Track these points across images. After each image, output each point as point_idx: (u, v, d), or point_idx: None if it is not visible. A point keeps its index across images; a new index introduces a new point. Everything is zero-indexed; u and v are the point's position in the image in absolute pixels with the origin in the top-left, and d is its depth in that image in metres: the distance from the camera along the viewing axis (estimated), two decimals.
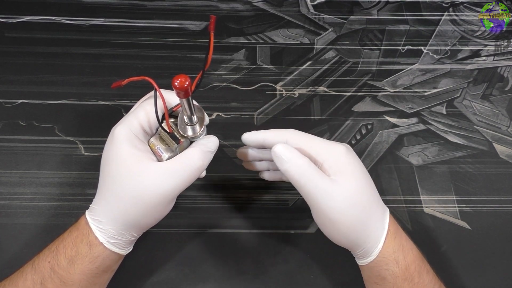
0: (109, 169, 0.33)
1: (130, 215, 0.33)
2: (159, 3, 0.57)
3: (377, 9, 0.59)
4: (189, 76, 0.28)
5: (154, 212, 0.33)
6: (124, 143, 0.33)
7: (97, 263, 0.33)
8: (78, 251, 0.33)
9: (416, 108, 0.52)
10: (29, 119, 0.49)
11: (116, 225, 0.33)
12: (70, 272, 0.33)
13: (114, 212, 0.33)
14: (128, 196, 0.32)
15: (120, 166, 0.32)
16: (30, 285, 0.33)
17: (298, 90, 0.53)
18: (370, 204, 0.34)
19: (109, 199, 0.33)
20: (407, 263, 0.34)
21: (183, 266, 0.42)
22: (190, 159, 0.33)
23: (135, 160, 0.32)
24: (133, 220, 0.33)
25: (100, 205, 0.34)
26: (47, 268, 0.33)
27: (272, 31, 0.56)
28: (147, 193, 0.32)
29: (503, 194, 0.47)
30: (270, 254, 0.43)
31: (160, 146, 0.34)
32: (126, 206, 0.32)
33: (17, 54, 0.52)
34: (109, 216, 0.33)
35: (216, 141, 0.35)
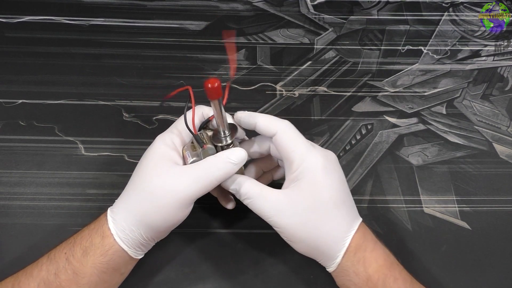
0: (138, 167, 0.35)
1: (142, 209, 0.34)
2: (159, 3, 0.57)
3: (377, 9, 0.59)
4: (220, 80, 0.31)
5: (166, 213, 0.34)
6: (159, 146, 0.35)
7: (107, 256, 0.34)
8: (92, 242, 0.34)
9: (416, 108, 0.52)
10: (29, 119, 0.49)
11: (128, 218, 0.34)
12: (83, 264, 0.33)
13: (129, 205, 0.34)
14: (144, 189, 0.34)
15: (148, 165, 0.34)
16: (45, 275, 0.33)
17: (298, 90, 0.53)
18: (324, 221, 0.34)
19: (129, 192, 0.35)
20: (369, 274, 0.34)
21: (183, 266, 0.42)
22: (210, 167, 0.34)
23: (162, 161, 0.34)
24: (145, 216, 0.34)
25: (121, 199, 0.35)
26: (62, 258, 0.34)
27: (272, 31, 0.56)
28: (161, 190, 0.33)
29: (503, 194, 0.47)
30: (270, 254, 0.43)
31: (189, 151, 0.36)
32: (141, 200, 0.34)
33: (17, 54, 0.52)
34: (124, 208, 0.34)
35: (240, 154, 0.35)
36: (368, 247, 0.35)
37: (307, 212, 0.34)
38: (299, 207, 0.34)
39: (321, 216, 0.34)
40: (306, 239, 0.35)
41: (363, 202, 0.46)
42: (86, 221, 0.44)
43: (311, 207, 0.34)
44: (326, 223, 0.34)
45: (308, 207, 0.34)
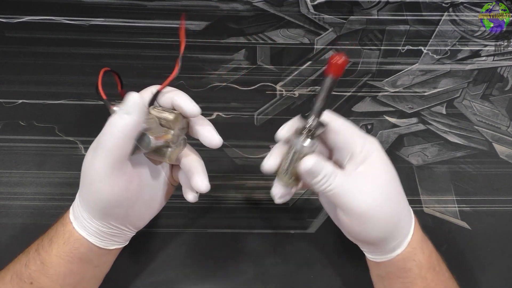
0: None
1: (81, 192, 0.33)
2: (159, 3, 0.57)
3: (377, 9, 0.59)
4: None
5: (96, 189, 0.31)
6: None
7: (69, 244, 0.33)
8: (56, 231, 0.34)
9: (416, 108, 0.52)
10: (29, 119, 0.49)
11: (80, 202, 0.33)
12: (49, 253, 0.33)
13: (80, 192, 0.33)
14: (83, 167, 0.32)
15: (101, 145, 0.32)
16: (18, 267, 0.34)
17: (298, 90, 0.53)
18: (400, 194, 0.34)
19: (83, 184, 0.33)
20: (430, 251, 0.35)
21: (183, 266, 0.42)
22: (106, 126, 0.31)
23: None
24: (82, 197, 0.32)
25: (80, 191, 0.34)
26: (33, 249, 0.34)
27: (272, 31, 0.56)
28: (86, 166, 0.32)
29: (503, 194, 0.47)
30: (270, 254, 0.43)
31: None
32: (82, 179, 0.32)
33: (17, 54, 0.52)
34: (78, 196, 0.34)
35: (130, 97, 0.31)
36: (424, 237, 0.36)
37: (385, 187, 0.33)
38: (377, 182, 0.32)
39: (396, 190, 0.34)
40: (387, 214, 0.33)
41: None
42: None
43: (387, 181, 0.33)
44: (402, 196, 0.34)
45: (385, 181, 0.33)
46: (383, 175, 0.33)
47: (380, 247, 0.34)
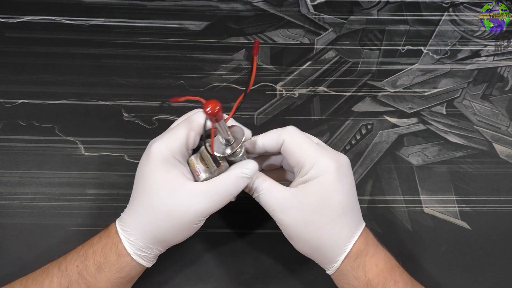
0: (143, 184, 0.34)
1: (160, 230, 0.33)
2: (159, 3, 0.57)
3: (377, 9, 0.59)
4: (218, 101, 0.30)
5: (183, 230, 0.34)
6: (161, 160, 0.34)
7: (123, 273, 0.34)
8: (106, 259, 0.33)
9: (416, 108, 0.52)
10: (29, 119, 0.49)
11: (145, 239, 0.34)
12: (97, 279, 0.33)
13: (144, 226, 0.33)
14: (160, 212, 0.33)
15: (156, 182, 0.33)
16: (56, 287, 0.33)
17: (298, 90, 0.53)
18: (329, 225, 0.34)
19: (141, 213, 0.34)
20: (368, 278, 0.34)
21: (183, 266, 0.42)
22: (225, 184, 0.34)
23: (171, 178, 0.33)
24: (162, 236, 0.34)
25: (131, 217, 0.34)
26: (75, 272, 0.33)
27: (272, 31, 0.56)
28: (180, 211, 0.33)
29: (503, 194, 0.47)
30: (270, 254, 0.43)
31: (199, 165, 0.35)
32: (158, 222, 0.33)
33: (17, 54, 0.52)
34: (139, 229, 0.34)
35: (253, 167, 0.35)
36: (369, 252, 0.34)
37: (312, 213, 0.34)
38: (305, 208, 0.34)
39: (326, 220, 0.34)
40: (308, 240, 0.35)
41: (363, 202, 0.46)
42: (86, 221, 0.44)
43: (318, 210, 0.34)
44: (330, 227, 0.34)
45: (314, 208, 0.34)
46: (315, 201, 0.34)
47: (318, 259, 0.36)
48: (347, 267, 0.34)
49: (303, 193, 0.34)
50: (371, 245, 0.35)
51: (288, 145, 0.36)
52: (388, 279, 0.34)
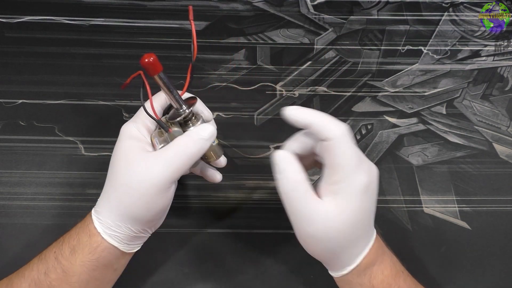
0: (111, 163, 0.35)
1: (123, 203, 0.33)
2: (159, 3, 0.57)
3: (377, 9, 0.59)
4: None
5: (147, 202, 0.33)
6: (126, 138, 0.35)
7: (96, 254, 0.33)
8: (79, 241, 0.34)
9: (416, 108, 0.52)
10: (29, 119, 0.49)
11: (111, 215, 0.33)
12: (72, 262, 0.33)
13: (110, 202, 0.34)
14: (120, 184, 0.33)
15: (119, 157, 0.34)
16: (35, 275, 0.33)
17: (298, 90, 0.53)
18: (347, 241, 0.33)
19: (108, 190, 0.34)
20: (373, 284, 0.33)
21: (183, 266, 0.42)
22: (180, 146, 0.34)
23: (131, 151, 0.34)
24: (127, 209, 0.33)
25: (102, 198, 0.35)
26: (52, 258, 0.34)
27: (272, 31, 0.56)
28: (137, 180, 0.32)
29: (503, 194, 0.47)
30: (270, 254, 0.43)
31: (157, 138, 0.35)
32: (119, 195, 0.33)
33: (17, 54, 0.52)
34: (106, 207, 0.34)
35: (209, 128, 0.35)
36: (377, 260, 0.34)
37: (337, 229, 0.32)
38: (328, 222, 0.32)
39: (344, 235, 0.33)
40: (321, 250, 0.34)
41: None
42: None
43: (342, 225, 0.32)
44: (347, 241, 0.33)
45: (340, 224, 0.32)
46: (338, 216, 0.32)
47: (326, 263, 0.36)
48: (353, 276, 0.34)
49: (332, 207, 0.32)
50: (380, 254, 0.35)
51: (335, 147, 0.32)
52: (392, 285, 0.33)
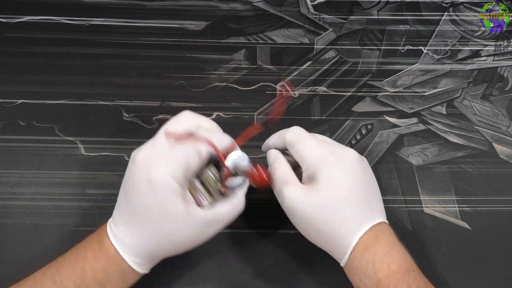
0: (141, 197, 0.33)
1: (162, 251, 0.35)
2: (159, 3, 0.57)
3: (377, 9, 0.59)
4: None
5: (182, 251, 0.36)
6: (165, 192, 0.32)
7: (128, 285, 0.36)
8: (110, 277, 0.34)
9: (416, 108, 0.52)
10: (29, 119, 0.49)
11: (149, 259, 0.35)
12: None
13: (149, 249, 0.34)
14: (164, 238, 0.34)
15: (163, 212, 0.33)
16: None
17: (298, 90, 0.53)
18: (334, 219, 0.35)
19: (145, 237, 0.34)
20: (379, 277, 0.34)
21: (183, 266, 0.42)
22: (222, 215, 0.35)
23: (175, 201, 0.33)
24: (164, 255, 0.36)
25: (133, 239, 0.34)
26: (72, 287, 0.33)
27: (272, 31, 0.56)
28: (181, 237, 0.34)
29: (503, 194, 0.47)
30: (270, 254, 0.43)
31: (201, 192, 0.35)
32: (161, 245, 0.34)
33: (17, 54, 0.52)
34: (144, 252, 0.34)
35: (243, 201, 0.36)
36: (379, 250, 0.34)
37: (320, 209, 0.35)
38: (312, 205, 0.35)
39: (331, 215, 0.35)
40: (317, 234, 0.36)
41: None
42: (86, 221, 0.44)
43: (323, 205, 0.35)
44: (336, 222, 0.35)
45: (321, 204, 0.35)
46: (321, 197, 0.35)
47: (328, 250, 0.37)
48: (355, 262, 0.35)
49: (311, 190, 0.36)
50: (384, 244, 0.35)
51: (289, 142, 0.38)
52: (400, 282, 0.33)
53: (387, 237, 0.35)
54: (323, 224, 0.35)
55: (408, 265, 0.35)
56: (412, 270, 0.35)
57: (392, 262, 0.34)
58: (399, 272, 0.34)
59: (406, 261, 0.35)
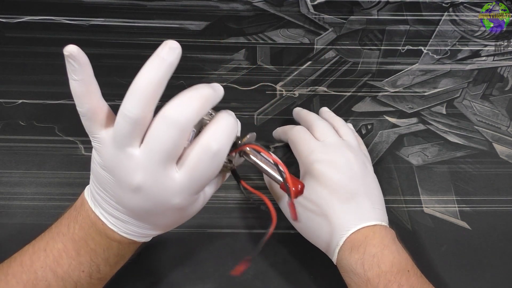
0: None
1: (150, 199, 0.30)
2: (159, 3, 0.57)
3: (377, 9, 0.59)
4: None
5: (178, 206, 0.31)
6: None
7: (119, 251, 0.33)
8: (92, 238, 0.32)
9: (416, 108, 0.52)
10: (29, 119, 0.49)
11: (123, 216, 0.32)
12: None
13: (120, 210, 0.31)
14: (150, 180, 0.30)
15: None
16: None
17: (298, 90, 0.53)
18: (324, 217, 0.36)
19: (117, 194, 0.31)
20: (368, 277, 0.34)
21: (183, 266, 0.42)
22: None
23: None
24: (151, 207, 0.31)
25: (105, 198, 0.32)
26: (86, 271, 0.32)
27: (272, 31, 0.56)
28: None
29: (503, 194, 0.47)
30: (270, 254, 0.43)
31: None
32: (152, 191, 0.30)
33: (17, 54, 0.52)
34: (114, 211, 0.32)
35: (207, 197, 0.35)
36: (368, 250, 0.34)
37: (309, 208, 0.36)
38: (303, 203, 0.37)
39: (318, 214, 0.36)
40: (309, 233, 0.38)
41: None
42: None
43: (310, 206, 0.36)
44: (323, 221, 0.36)
45: (309, 205, 0.36)
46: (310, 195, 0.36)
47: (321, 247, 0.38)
48: (343, 261, 0.35)
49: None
50: (374, 245, 0.35)
51: (291, 141, 0.41)
52: (391, 282, 0.33)
53: (380, 238, 0.35)
54: (312, 222, 0.36)
55: (402, 265, 0.34)
56: (406, 271, 0.34)
57: (383, 263, 0.34)
58: (390, 272, 0.34)
59: (400, 262, 0.35)
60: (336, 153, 0.38)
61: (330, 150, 0.38)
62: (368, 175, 0.39)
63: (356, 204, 0.36)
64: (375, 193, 0.38)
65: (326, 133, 0.40)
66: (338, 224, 0.35)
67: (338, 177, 0.36)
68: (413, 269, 0.35)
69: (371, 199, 0.37)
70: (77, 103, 0.30)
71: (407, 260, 0.35)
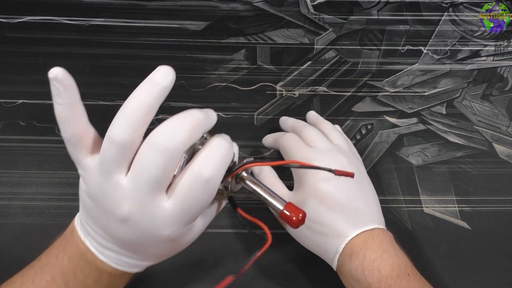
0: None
1: (132, 226, 0.29)
2: (159, 3, 0.57)
3: (377, 9, 0.59)
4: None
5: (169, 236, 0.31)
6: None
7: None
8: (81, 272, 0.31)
9: (416, 108, 0.52)
10: (29, 119, 0.49)
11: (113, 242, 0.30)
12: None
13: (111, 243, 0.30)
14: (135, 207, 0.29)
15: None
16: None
17: (298, 90, 0.53)
18: (320, 225, 0.36)
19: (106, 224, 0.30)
20: (369, 282, 0.33)
21: (183, 266, 0.42)
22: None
23: None
24: (138, 235, 0.30)
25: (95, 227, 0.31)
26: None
27: (272, 31, 0.56)
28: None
29: (503, 194, 0.47)
30: (270, 254, 0.43)
31: None
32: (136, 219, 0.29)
33: (17, 54, 0.52)
34: (104, 241, 0.30)
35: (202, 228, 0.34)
36: (368, 255, 0.34)
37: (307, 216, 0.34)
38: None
39: (314, 222, 0.36)
40: (306, 240, 0.37)
41: None
42: None
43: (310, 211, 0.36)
44: (320, 228, 0.36)
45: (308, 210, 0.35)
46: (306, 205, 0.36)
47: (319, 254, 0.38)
48: (344, 267, 0.35)
49: (297, 197, 0.37)
50: (374, 250, 0.35)
51: (282, 148, 0.41)
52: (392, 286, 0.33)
53: (378, 242, 0.35)
54: (309, 230, 0.36)
55: (402, 269, 0.34)
56: (406, 274, 0.34)
57: (383, 267, 0.34)
58: (391, 277, 0.33)
59: (400, 265, 0.34)
60: (329, 159, 0.37)
61: (323, 157, 0.38)
62: (363, 179, 0.39)
63: (353, 209, 0.36)
64: (370, 195, 0.38)
65: (316, 139, 0.40)
66: (336, 230, 0.35)
67: (330, 186, 0.36)
68: (412, 272, 0.35)
69: (367, 202, 0.37)
70: (61, 128, 0.28)
71: (406, 263, 0.35)
